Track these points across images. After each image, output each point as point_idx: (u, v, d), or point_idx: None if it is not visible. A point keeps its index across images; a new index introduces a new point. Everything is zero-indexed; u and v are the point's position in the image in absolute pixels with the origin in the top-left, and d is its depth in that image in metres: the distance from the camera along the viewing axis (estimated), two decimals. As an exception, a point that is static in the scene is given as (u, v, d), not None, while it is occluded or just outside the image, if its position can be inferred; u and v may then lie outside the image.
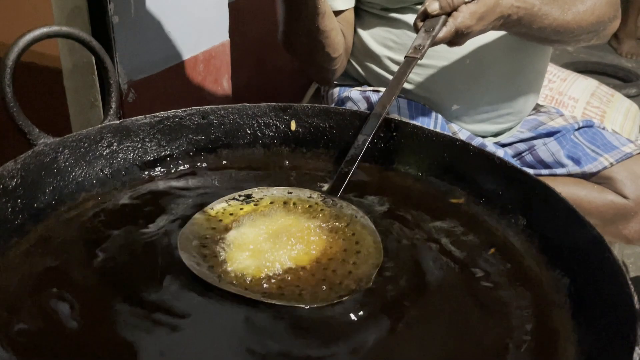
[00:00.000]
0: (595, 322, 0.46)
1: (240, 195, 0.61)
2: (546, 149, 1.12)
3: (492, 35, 1.03)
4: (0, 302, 0.47)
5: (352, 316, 0.47)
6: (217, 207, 0.59)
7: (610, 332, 0.43)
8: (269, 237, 0.54)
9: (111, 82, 0.65)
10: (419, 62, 0.83)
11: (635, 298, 0.41)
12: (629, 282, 0.42)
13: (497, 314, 0.49)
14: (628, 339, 0.39)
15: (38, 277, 0.51)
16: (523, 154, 1.15)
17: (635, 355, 0.37)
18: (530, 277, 0.53)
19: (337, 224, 0.57)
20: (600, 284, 0.47)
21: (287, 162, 0.72)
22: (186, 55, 1.14)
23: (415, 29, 0.81)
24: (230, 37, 1.25)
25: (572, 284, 0.51)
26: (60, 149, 0.61)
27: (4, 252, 0.53)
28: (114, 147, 0.65)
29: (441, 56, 1.06)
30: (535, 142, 1.14)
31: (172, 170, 0.69)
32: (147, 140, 0.68)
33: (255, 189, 0.62)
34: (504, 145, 1.17)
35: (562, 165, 1.11)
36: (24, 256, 0.53)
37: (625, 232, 1.08)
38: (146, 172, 0.67)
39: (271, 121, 0.73)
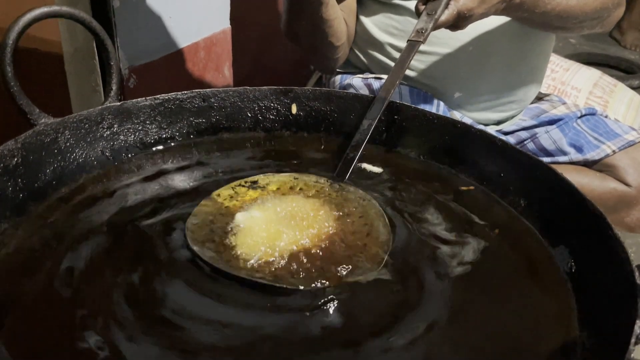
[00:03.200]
0: (597, 298, 0.46)
1: (246, 182, 0.61)
2: (548, 136, 1.12)
3: (495, 22, 1.03)
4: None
5: (364, 297, 0.47)
6: (224, 193, 0.59)
7: (611, 307, 0.43)
8: (277, 221, 0.53)
9: (112, 63, 0.65)
10: (422, 49, 0.83)
11: (637, 273, 0.41)
12: (630, 258, 0.42)
13: (500, 294, 0.49)
14: (629, 313, 0.39)
15: (37, 257, 0.51)
16: (525, 142, 1.15)
17: (636, 328, 0.37)
18: (531, 257, 0.54)
19: (345, 207, 0.57)
20: (601, 260, 0.47)
21: (288, 146, 0.72)
22: (187, 41, 1.13)
23: (417, 12, 0.80)
24: (231, 24, 1.25)
25: (574, 261, 0.51)
26: (61, 129, 0.60)
27: (4, 231, 0.53)
28: (115, 129, 0.65)
29: (444, 43, 1.05)
30: (537, 130, 1.14)
31: (173, 153, 0.68)
32: (147, 122, 0.68)
33: (261, 175, 0.62)
34: (506, 134, 1.16)
35: (564, 153, 1.11)
36: (23, 235, 0.53)
37: (627, 220, 1.08)
38: (147, 155, 0.67)
39: (272, 104, 0.73)
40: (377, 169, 0.67)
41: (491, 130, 1.13)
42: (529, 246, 0.55)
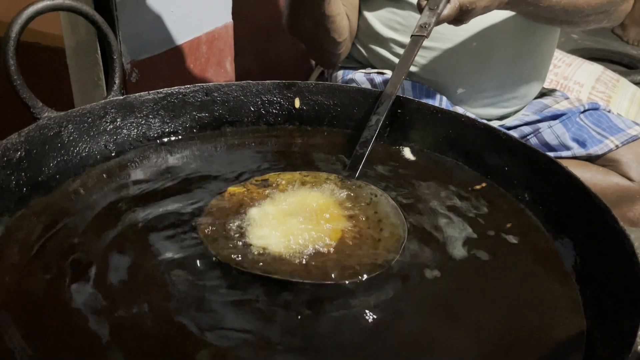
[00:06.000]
0: (602, 290, 0.46)
1: (256, 180, 0.60)
2: (551, 131, 1.12)
3: (499, 17, 1.02)
4: (3, 273, 0.47)
5: (380, 292, 0.47)
6: (234, 190, 0.58)
7: (617, 299, 0.43)
8: (290, 218, 0.53)
9: (114, 57, 0.65)
10: (425, 44, 0.82)
11: (642, 266, 0.41)
12: (635, 251, 0.42)
13: (506, 288, 0.49)
14: (635, 305, 0.39)
15: (41, 251, 0.50)
16: (528, 137, 1.14)
17: (641, 322, 0.37)
18: (536, 250, 0.54)
19: (358, 203, 0.56)
20: (606, 253, 0.47)
21: (291, 140, 0.72)
22: (189, 36, 1.13)
23: (419, 8, 0.80)
24: (233, 19, 1.24)
25: (579, 254, 0.51)
26: (64, 123, 0.60)
27: (9, 225, 0.53)
28: (118, 123, 0.65)
29: (447, 39, 1.05)
30: (540, 125, 1.13)
31: (176, 147, 0.68)
32: (150, 116, 0.68)
33: (271, 174, 0.61)
34: (509, 129, 1.16)
35: (568, 148, 1.10)
36: (27, 228, 0.53)
37: (630, 214, 1.08)
38: (150, 149, 0.67)
39: (275, 99, 0.72)
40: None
41: (494, 125, 1.13)
42: (533, 239, 0.55)
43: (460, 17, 0.81)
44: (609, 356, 0.40)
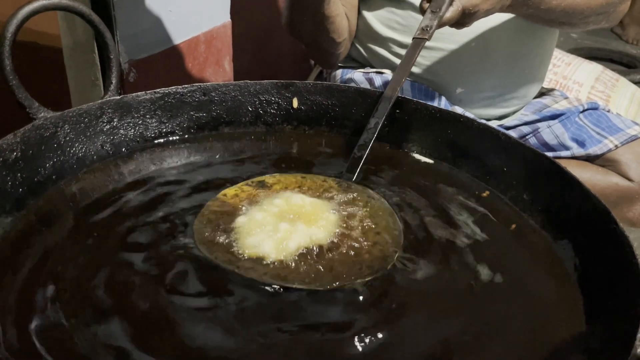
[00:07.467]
0: (602, 292, 0.46)
1: (252, 181, 0.60)
2: (550, 131, 1.11)
3: (499, 18, 1.02)
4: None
5: (373, 298, 0.46)
6: (230, 192, 0.58)
7: (617, 301, 0.43)
8: (285, 221, 0.52)
9: (111, 57, 0.64)
10: (425, 44, 0.82)
11: (642, 267, 0.41)
12: (635, 252, 0.42)
13: (506, 288, 0.49)
14: (634, 307, 0.39)
15: (37, 251, 0.50)
16: (527, 137, 1.14)
17: (641, 324, 0.37)
18: (536, 251, 0.53)
19: (354, 206, 0.56)
20: (606, 255, 0.47)
21: (289, 140, 0.72)
22: (187, 35, 1.13)
23: (422, 10, 0.79)
24: (231, 18, 1.24)
25: (578, 256, 0.51)
26: (61, 123, 0.60)
27: (4, 225, 0.52)
28: (115, 123, 0.65)
29: (447, 39, 1.05)
30: (539, 124, 1.13)
31: (173, 147, 0.68)
32: (147, 116, 0.67)
33: (268, 175, 0.61)
34: (508, 129, 1.16)
35: (567, 148, 1.10)
36: (23, 230, 0.52)
37: (629, 214, 1.07)
38: (147, 149, 0.67)
39: (273, 98, 0.72)
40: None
41: (493, 125, 1.13)
42: (532, 240, 0.55)
43: (462, 21, 0.81)
44: (609, 358, 0.40)
